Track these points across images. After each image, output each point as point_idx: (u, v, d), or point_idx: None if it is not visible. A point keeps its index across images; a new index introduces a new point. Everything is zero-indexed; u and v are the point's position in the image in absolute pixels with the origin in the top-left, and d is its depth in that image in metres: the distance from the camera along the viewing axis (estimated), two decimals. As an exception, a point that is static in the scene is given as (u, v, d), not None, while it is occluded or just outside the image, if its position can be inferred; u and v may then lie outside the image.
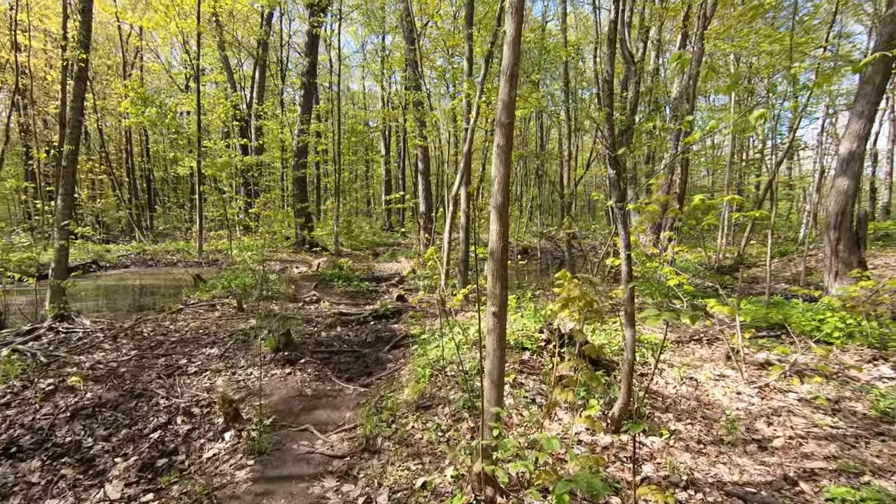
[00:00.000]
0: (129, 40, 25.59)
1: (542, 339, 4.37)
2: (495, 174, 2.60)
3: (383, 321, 7.57)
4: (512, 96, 2.57)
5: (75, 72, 6.75)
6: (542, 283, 10.27)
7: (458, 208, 6.70)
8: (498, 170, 2.59)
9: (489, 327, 2.67)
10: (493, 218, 2.59)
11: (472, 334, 4.92)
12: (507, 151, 2.59)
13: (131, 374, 4.99)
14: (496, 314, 2.63)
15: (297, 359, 5.43)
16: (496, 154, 2.59)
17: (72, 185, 6.84)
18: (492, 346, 2.67)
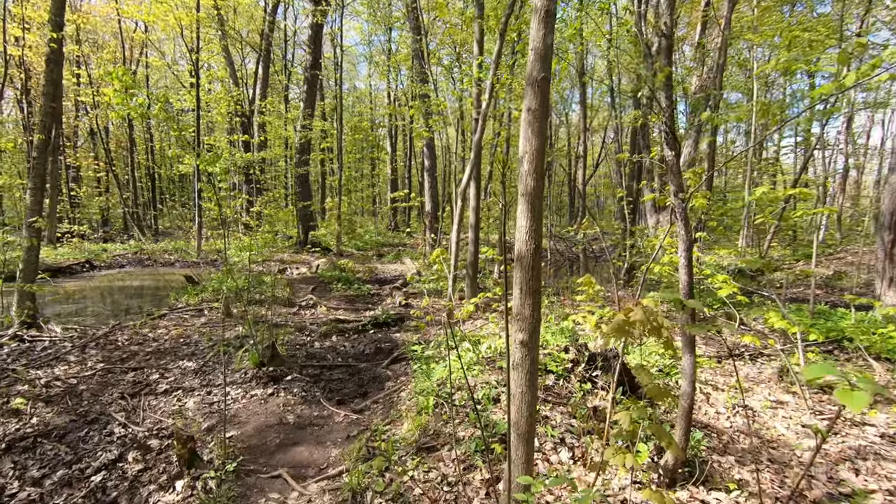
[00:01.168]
0: (134, 36, 25.16)
1: (568, 360, 3.66)
2: (525, 149, 1.89)
3: (384, 329, 6.87)
4: (548, 43, 1.86)
5: (46, 53, 6.12)
6: (560, 287, 9.53)
7: (466, 206, 6.00)
8: (529, 142, 1.88)
9: (515, 360, 1.95)
10: (521, 210, 1.89)
11: (485, 350, 4.21)
12: (541, 117, 1.88)
13: (91, 392, 4.33)
14: (525, 343, 1.92)
15: (283, 375, 4.74)
16: (527, 122, 1.88)
17: (42, 180, 6.20)
18: (519, 387, 1.96)
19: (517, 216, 1.90)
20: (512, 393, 1.97)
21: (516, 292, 1.90)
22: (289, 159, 22.69)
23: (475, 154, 5.16)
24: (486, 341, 4.63)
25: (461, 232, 5.30)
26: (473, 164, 5.13)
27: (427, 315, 6.08)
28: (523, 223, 1.89)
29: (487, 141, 12.53)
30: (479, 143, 5.07)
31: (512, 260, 6.65)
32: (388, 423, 3.47)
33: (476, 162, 5.22)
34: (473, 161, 5.14)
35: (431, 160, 14.65)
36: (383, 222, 30.66)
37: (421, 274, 12.26)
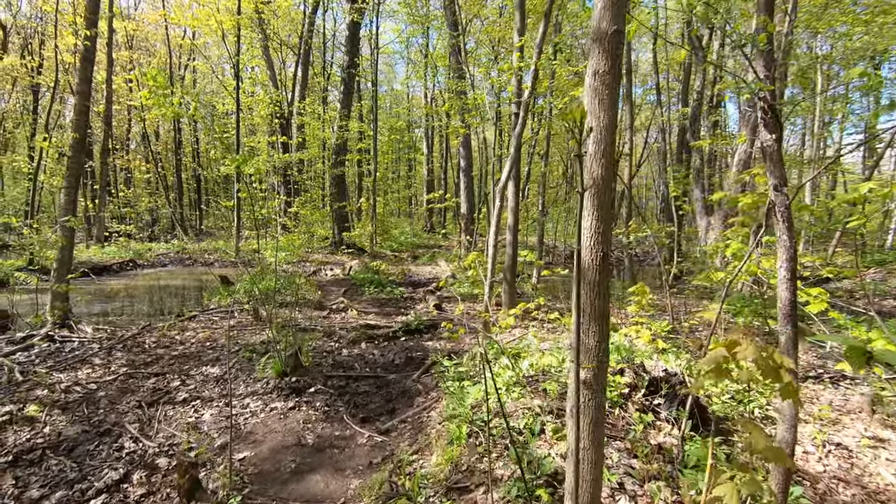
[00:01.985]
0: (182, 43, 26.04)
1: (624, 384, 3.13)
2: (590, 126, 1.43)
3: (416, 337, 6.49)
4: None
5: (80, 51, 6.10)
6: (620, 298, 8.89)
7: (504, 206, 5.53)
8: (596, 118, 1.42)
9: (574, 404, 1.48)
10: (586, 209, 1.43)
11: (527, 368, 3.73)
12: (612, 83, 1.42)
13: (109, 399, 4.14)
14: (590, 384, 1.45)
15: (306, 387, 4.42)
16: (592, 90, 1.42)
17: (76, 179, 6.18)
18: (581, 440, 1.49)
19: (579, 215, 1.44)
20: (570, 448, 1.51)
21: (577, 315, 1.44)
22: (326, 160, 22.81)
23: (515, 149, 4.69)
24: (527, 357, 4.14)
25: (499, 234, 4.84)
26: (513, 160, 4.66)
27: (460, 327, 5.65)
28: (587, 224, 1.43)
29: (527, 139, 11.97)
30: (520, 138, 4.59)
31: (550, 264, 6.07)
32: (415, 452, 3.05)
33: (516, 158, 4.75)
34: (513, 157, 4.67)
35: (467, 160, 14.22)
36: (419, 223, 30.49)
37: (455, 277, 11.85)
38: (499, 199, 4.75)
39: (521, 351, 4.68)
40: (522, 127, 4.59)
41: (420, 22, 17.96)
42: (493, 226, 4.75)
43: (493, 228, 4.76)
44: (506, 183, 4.69)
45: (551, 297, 9.83)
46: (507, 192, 6.12)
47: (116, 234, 17.42)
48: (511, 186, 6.48)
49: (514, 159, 4.64)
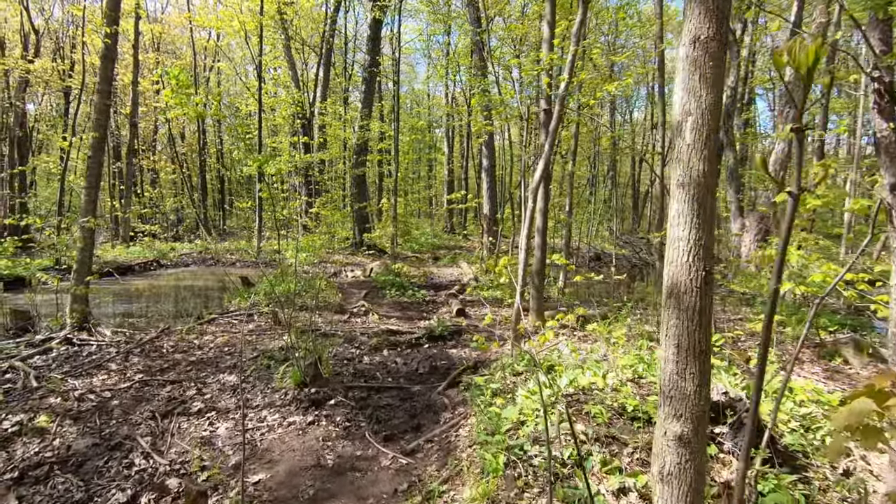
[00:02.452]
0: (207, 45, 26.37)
1: (680, 409, 2.79)
2: (688, 109, 1.12)
3: (439, 344, 6.21)
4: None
5: (101, 50, 6.00)
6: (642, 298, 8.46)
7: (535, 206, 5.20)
8: (695, 97, 1.11)
9: (668, 467, 1.16)
10: (678, 212, 1.11)
11: (565, 386, 3.40)
12: (717, 53, 1.10)
13: (123, 409, 3.97)
14: (686, 440, 1.13)
15: (326, 399, 4.17)
16: (691, 62, 1.11)
17: (97, 179, 6.09)
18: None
19: (670, 221, 1.13)
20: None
21: (669, 351, 1.12)
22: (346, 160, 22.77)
23: (548, 147, 4.36)
24: (563, 371, 3.81)
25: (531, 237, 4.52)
26: (546, 158, 4.33)
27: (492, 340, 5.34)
28: (683, 233, 1.11)
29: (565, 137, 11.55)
30: (555, 134, 4.25)
31: (577, 267, 5.66)
32: (444, 481, 2.76)
33: (549, 156, 4.42)
34: (546, 155, 4.34)
35: (490, 160, 13.89)
36: (439, 224, 30.26)
37: (478, 280, 11.53)
38: (531, 200, 4.43)
39: (556, 364, 4.35)
40: (558, 122, 4.26)
41: (442, 20, 17.71)
42: (525, 228, 4.43)
43: (524, 231, 4.44)
44: (539, 183, 4.37)
45: (580, 302, 9.43)
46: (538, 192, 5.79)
47: (141, 234, 17.64)
48: (541, 188, 6.14)
49: (546, 157, 4.31)
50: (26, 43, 19.92)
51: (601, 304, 9.15)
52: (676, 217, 1.11)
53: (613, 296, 10.73)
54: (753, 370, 4.23)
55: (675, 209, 1.12)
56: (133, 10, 15.47)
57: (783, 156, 13.45)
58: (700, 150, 1.11)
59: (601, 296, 10.69)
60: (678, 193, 1.13)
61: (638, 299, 9.04)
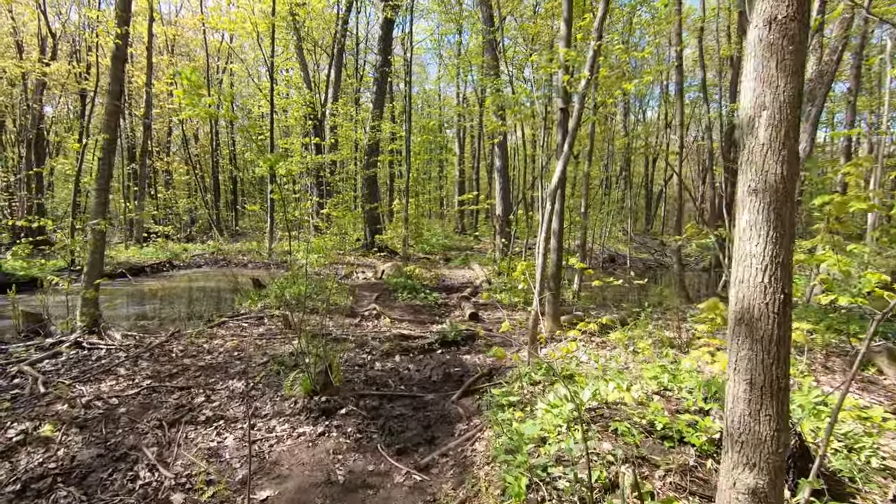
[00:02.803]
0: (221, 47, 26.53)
1: (714, 430, 2.58)
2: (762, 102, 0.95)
3: (452, 349, 6.05)
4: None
5: (112, 50, 5.95)
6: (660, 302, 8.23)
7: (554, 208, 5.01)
8: (772, 85, 0.93)
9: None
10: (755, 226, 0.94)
11: (588, 399, 3.21)
12: (798, 36, 0.92)
13: (130, 417, 3.87)
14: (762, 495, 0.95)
15: (337, 408, 4.04)
16: (766, 45, 0.95)
17: (107, 180, 6.03)
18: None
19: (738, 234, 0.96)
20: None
21: (739, 388, 0.95)
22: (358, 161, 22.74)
23: (568, 147, 4.17)
24: (584, 382, 3.63)
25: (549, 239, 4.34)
26: (565, 158, 4.15)
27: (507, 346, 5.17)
28: (755, 248, 0.94)
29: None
30: (574, 134, 4.05)
31: (596, 271, 5.44)
32: (462, 502, 2.60)
33: (568, 156, 4.23)
34: (566, 155, 4.15)
35: (503, 160, 13.70)
36: (450, 225, 30.12)
37: (491, 282, 11.36)
38: (549, 202, 4.25)
39: (576, 374, 4.16)
40: (578, 121, 4.07)
41: (454, 20, 17.57)
42: (544, 231, 4.25)
43: (543, 234, 4.26)
44: (558, 184, 4.19)
45: (596, 306, 9.21)
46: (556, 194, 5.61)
47: (155, 234, 17.75)
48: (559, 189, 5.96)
49: (566, 158, 4.13)
50: (43, 46, 20.19)
51: (618, 308, 8.92)
52: (748, 229, 0.94)
53: (629, 299, 10.48)
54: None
55: (747, 220, 0.95)
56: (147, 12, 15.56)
57: (805, 155, 13.09)
58: (777, 151, 0.93)
59: (617, 299, 10.45)
60: (750, 202, 0.95)
61: (656, 303, 8.80)
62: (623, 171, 26.16)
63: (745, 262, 0.93)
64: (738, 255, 0.93)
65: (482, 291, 10.57)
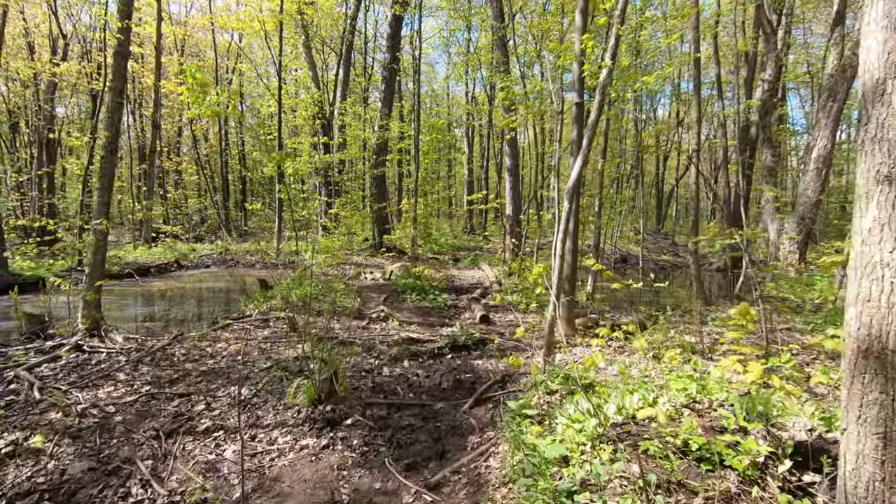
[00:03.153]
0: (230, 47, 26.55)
1: (758, 453, 2.32)
2: (893, 58, 0.70)
3: (463, 354, 5.82)
4: None
5: (114, 46, 5.79)
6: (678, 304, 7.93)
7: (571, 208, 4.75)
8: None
9: None
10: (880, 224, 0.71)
11: (613, 413, 2.96)
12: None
13: (126, 427, 3.69)
14: None
15: (342, 418, 3.82)
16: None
17: (109, 180, 5.88)
18: None
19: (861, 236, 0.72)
20: None
21: (867, 444, 0.74)
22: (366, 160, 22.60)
23: (587, 142, 3.92)
24: (605, 393, 3.37)
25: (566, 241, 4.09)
26: (584, 156, 3.89)
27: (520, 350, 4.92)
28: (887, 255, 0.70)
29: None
30: (594, 129, 3.80)
31: (608, 271, 5.13)
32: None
33: (586, 154, 3.98)
34: (584, 152, 3.90)
35: (513, 159, 13.43)
36: (459, 224, 29.89)
37: (501, 283, 11.10)
38: (567, 202, 4.00)
39: (596, 382, 3.91)
40: (598, 115, 3.82)
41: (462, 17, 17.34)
42: (561, 232, 4.00)
43: (560, 235, 4.01)
44: (576, 182, 3.94)
45: (610, 308, 8.93)
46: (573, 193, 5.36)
47: (164, 234, 17.72)
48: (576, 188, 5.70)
49: (584, 155, 3.88)
50: (55, 47, 20.29)
51: (634, 310, 8.62)
52: (877, 229, 0.71)
53: (644, 300, 10.17)
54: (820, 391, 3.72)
55: (875, 218, 0.72)
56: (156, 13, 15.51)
57: (826, 152, 12.66)
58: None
59: (631, 300, 10.14)
60: (880, 192, 0.72)
61: (674, 305, 8.50)
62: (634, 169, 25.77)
63: (872, 273, 0.70)
64: (861, 265, 0.70)
65: (493, 293, 10.32)
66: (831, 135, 12.84)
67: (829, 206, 22.36)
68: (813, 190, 12.76)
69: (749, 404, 2.61)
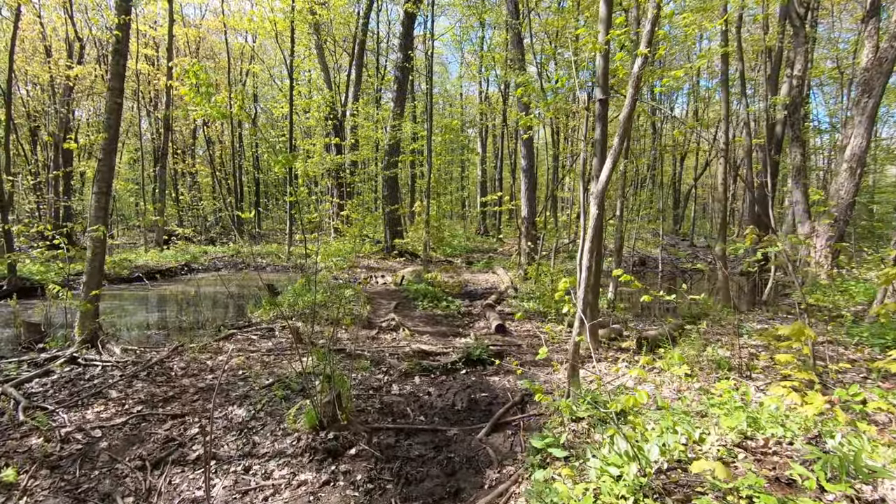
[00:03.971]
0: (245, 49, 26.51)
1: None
2: None
3: (478, 369, 5.43)
4: None
5: (112, 44, 5.53)
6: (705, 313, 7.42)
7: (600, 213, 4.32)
8: None
9: None
10: None
11: (657, 455, 2.54)
12: None
13: (110, 454, 3.38)
14: None
15: (346, 446, 3.46)
16: None
17: (107, 183, 5.62)
18: None
19: None
20: None
21: None
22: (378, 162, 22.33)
23: (619, 140, 3.49)
24: (644, 427, 2.95)
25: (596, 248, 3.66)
26: (616, 154, 3.47)
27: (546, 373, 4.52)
28: None
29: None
30: (628, 123, 3.36)
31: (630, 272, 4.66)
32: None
33: (618, 153, 3.56)
34: (616, 150, 3.48)
35: (529, 160, 12.99)
36: (472, 226, 29.50)
37: (517, 289, 10.68)
38: (595, 207, 3.58)
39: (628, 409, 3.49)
40: (632, 109, 3.39)
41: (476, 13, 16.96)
42: (588, 241, 3.59)
43: (587, 245, 3.60)
44: (605, 186, 3.52)
45: (632, 317, 8.46)
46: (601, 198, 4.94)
47: (176, 237, 17.65)
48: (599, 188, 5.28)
49: (615, 154, 3.46)
50: (71, 50, 20.42)
51: (659, 319, 8.15)
52: None
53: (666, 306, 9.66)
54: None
55: None
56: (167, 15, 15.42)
57: (860, 151, 12.00)
58: None
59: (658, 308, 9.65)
60: None
61: (699, 313, 8.00)
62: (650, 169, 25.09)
63: None
64: None
65: (508, 299, 9.91)
66: (866, 132, 12.16)
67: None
68: (847, 191, 12.09)
69: (841, 465, 2.16)
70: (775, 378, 4.90)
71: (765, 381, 4.84)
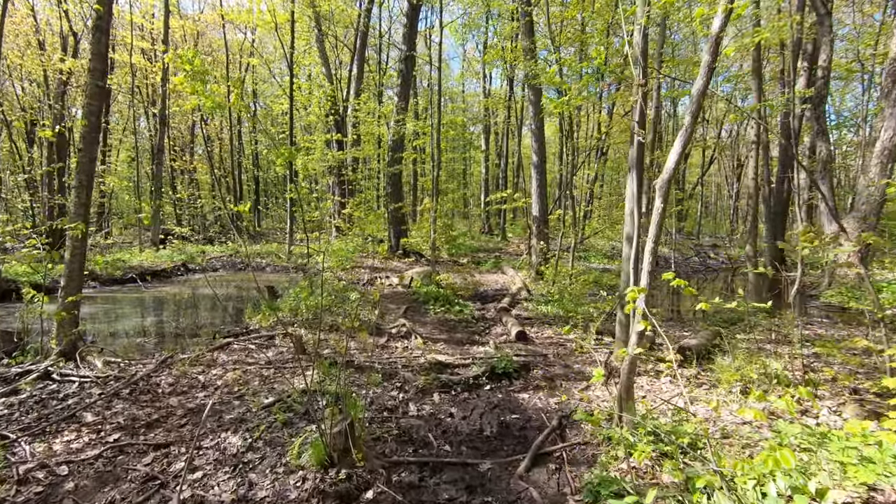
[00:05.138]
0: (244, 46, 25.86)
1: None
2: None
3: (504, 384, 4.84)
4: None
5: (93, 20, 4.93)
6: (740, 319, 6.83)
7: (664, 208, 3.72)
8: None
9: None
10: None
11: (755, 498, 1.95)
12: None
13: (74, 500, 2.79)
14: None
15: (361, 489, 2.87)
16: None
17: (88, 176, 5.02)
18: None
19: None
20: None
21: None
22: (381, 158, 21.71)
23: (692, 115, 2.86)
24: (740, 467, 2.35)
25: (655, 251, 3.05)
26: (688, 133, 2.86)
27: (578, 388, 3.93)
28: None
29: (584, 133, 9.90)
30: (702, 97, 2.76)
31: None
32: None
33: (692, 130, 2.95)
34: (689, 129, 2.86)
35: (541, 155, 12.39)
36: (475, 225, 28.90)
37: (531, 291, 10.09)
38: (660, 199, 2.99)
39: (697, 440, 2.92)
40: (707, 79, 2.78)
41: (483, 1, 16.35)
42: (651, 240, 3.00)
43: (650, 245, 3.00)
44: (673, 172, 2.93)
45: (663, 322, 7.85)
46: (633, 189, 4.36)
47: (173, 236, 17.05)
48: (634, 182, 4.69)
49: (688, 134, 2.85)
50: (65, 44, 19.81)
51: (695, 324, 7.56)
52: None
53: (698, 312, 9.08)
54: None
55: None
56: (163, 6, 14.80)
57: (892, 145, 11.40)
58: None
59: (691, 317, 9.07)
60: None
61: (735, 319, 7.41)
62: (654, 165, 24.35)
63: None
64: None
65: (521, 301, 9.32)
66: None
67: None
68: (878, 187, 11.48)
69: None
70: (842, 394, 4.31)
71: (834, 399, 4.25)
